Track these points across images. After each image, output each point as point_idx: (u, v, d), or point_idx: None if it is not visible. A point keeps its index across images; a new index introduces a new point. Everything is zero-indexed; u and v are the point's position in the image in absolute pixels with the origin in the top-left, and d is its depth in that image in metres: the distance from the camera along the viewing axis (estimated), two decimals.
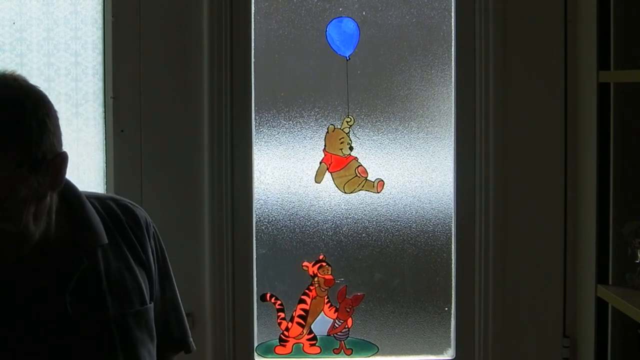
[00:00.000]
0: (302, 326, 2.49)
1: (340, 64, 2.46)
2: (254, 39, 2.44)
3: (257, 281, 2.48)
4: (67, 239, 1.50)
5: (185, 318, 1.73)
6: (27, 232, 1.42)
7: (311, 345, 2.50)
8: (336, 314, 2.50)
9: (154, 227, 1.67)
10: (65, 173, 1.46)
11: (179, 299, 1.72)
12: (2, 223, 1.39)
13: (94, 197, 1.61)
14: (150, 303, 1.60)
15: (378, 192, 2.49)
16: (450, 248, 2.50)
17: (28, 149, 1.39)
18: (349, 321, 2.50)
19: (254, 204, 2.46)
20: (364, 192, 2.48)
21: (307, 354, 2.50)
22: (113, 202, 1.63)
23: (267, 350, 2.50)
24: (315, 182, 2.48)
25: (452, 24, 2.46)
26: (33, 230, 1.42)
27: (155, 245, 1.66)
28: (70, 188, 1.55)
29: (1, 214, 1.38)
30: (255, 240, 2.47)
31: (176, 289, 1.71)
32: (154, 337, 1.60)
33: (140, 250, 1.61)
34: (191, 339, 1.74)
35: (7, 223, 1.39)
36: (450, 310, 2.51)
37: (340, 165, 2.48)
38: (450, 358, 2.52)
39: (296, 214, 2.48)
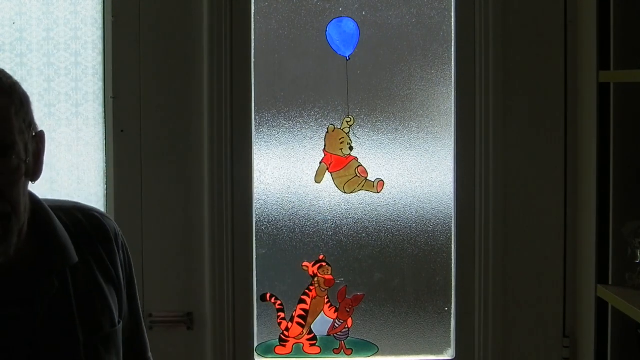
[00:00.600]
0: (302, 326, 2.49)
1: (340, 64, 2.46)
2: (254, 39, 2.44)
3: (257, 281, 2.48)
4: (34, 258, 1.42)
5: (145, 331, 1.67)
6: (19, 212, 1.36)
7: (311, 345, 2.50)
8: (336, 314, 2.50)
9: (122, 237, 1.60)
10: (43, 158, 1.43)
11: (141, 311, 1.65)
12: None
13: (58, 208, 1.51)
14: (119, 323, 1.54)
15: (378, 192, 2.49)
16: (450, 248, 2.50)
17: (21, 105, 1.39)
18: (349, 321, 2.50)
19: (254, 204, 2.46)
20: (364, 192, 2.48)
21: (307, 354, 2.50)
22: (79, 212, 1.55)
23: (267, 350, 2.50)
24: (315, 182, 2.48)
25: (452, 24, 2.46)
26: (23, 213, 1.37)
27: (123, 257, 1.59)
28: (36, 201, 1.47)
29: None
30: (255, 240, 2.47)
31: (139, 301, 1.65)
32: (120, 356, 1.54)
33: (110, 266, 1.53)
34: (150, 354, 1.68)
35: (4, 182, 1.34)
36: (450, 310, 2.51)
37: (340, 165, 2.48)
38: (450, 358, 2.52)
39: (296, 214, 2.48)
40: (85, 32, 2.45)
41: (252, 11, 2.44)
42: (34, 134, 1.42)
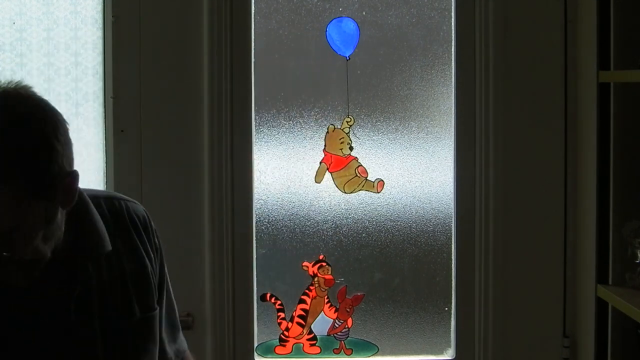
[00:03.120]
0: (302, 326, 2.49)
1: (340, 64, 2.46)
2: (254, 39, 2.44)
3: (257, 281, 2.48)
4: (72, 245, 1.45)
5: (178, 324, 1.69)
6: (38, 254, 1.36)
7: (311, 345, 2.50)
8: (336, 314, 2.50)
9: (152, 223, 1.64)
10: (77, 191, 1.41)
11: (173, 305, 1.67)
12: (9, 253, 1.32)
13: (94, 196, 1.55)
14: (153, 310, 1.56)
15: (378, 192, 2.49)
16: (450, 248, 2.50)
17: (37, 177, 1.32)
18: (349, 321, 2.50)
19: (254, 204, 2.46)
20: (364, 192, 2.48)
21: (307, 354, 2.50)
22: (115, 200, 1.59)
23: (267, 350, 2.50)
24: (315, 182, 2.48)
25: (452, 24, 2.46)
26: (44, 250, 1.37)
27: (156, 243, 1.63)
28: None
29: (8, 245, 1.31)
30: (255, 240, 2.47)
31: (171, 293, 1.67)
32: (157, 343, 1.57)
33: (143, 253, 1.57)
34: (179, 348, 1.69)
35: (15, 253, 1.32)
36: (450, 310, 2.51)
37: (340, 165, 2.48)
38: (450, 358, 2.52)
39: (296, 214, 2.48)
40: (85, 32, 2.45)
41: (252, 11, 2.44)
42: (65, 178, 1.37)
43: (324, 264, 2.48)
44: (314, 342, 2.50)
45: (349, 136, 2.47)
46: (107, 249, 1.49)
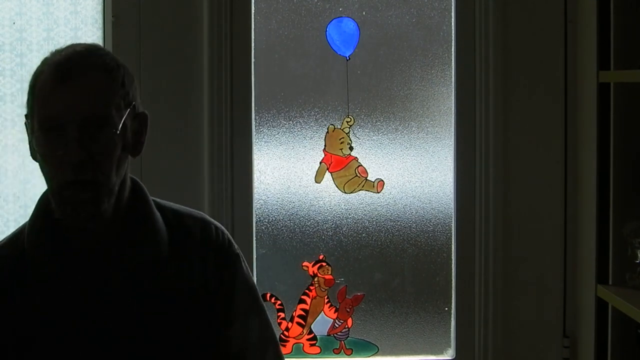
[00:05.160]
0: (302, 326, 2.49)
1: (340, 64, 2.46)
2: (254, 39, 2.44)
3: (257, 281, 2.48)
4: (123, 247, 1.48)
5: None
6: (109, 182, 1.40)
7: (311, 345, 2.50)
8: (336, 314, 2.50)
9: (233, 263, 1.66)
10: (144, 138, 1.49)
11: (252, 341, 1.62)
12: (93, 150, 1.37)
13: (169, 209, 1.62)
14: (187, 341, 1.50)
15: (378, 192, 2.49)
16: (450, 248, 2.50)
17: (121, 85, 1.43)
18: (349, 321, 2.50)
19: (254, 204, 2.46)
20: (364, 192, 2.48)
21: (307, 354, 2.49)
22: (197, 221, 1.64)
23: None
24: (315, 182, 2.48)
25: (452, 24, 2.46)
26: (114, 182, 1.41)
27: (220, 280, 1.60)
28: (139, 196, 1.56)
29: (91, 169, 1.37)
30: (255, 240, 2.47)
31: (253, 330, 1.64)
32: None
33: (197, 282, 1.54)
34: None
35: (96, 176, 1.38)
36: (450, 310, 2.51)
37: (340, 165, 2.48)
38: (450, 358, 2.52)
39: (296, 214, 2.48)
40: (85, 32, 2.45)
41: (252, 11, 2.44)
42: (135, 114, 1.46)
43: (324, 264, 2.48)
44: (314, 342, 2.50)
45: (349, 136, 2.47)
46: (152, 258, 1.50)
